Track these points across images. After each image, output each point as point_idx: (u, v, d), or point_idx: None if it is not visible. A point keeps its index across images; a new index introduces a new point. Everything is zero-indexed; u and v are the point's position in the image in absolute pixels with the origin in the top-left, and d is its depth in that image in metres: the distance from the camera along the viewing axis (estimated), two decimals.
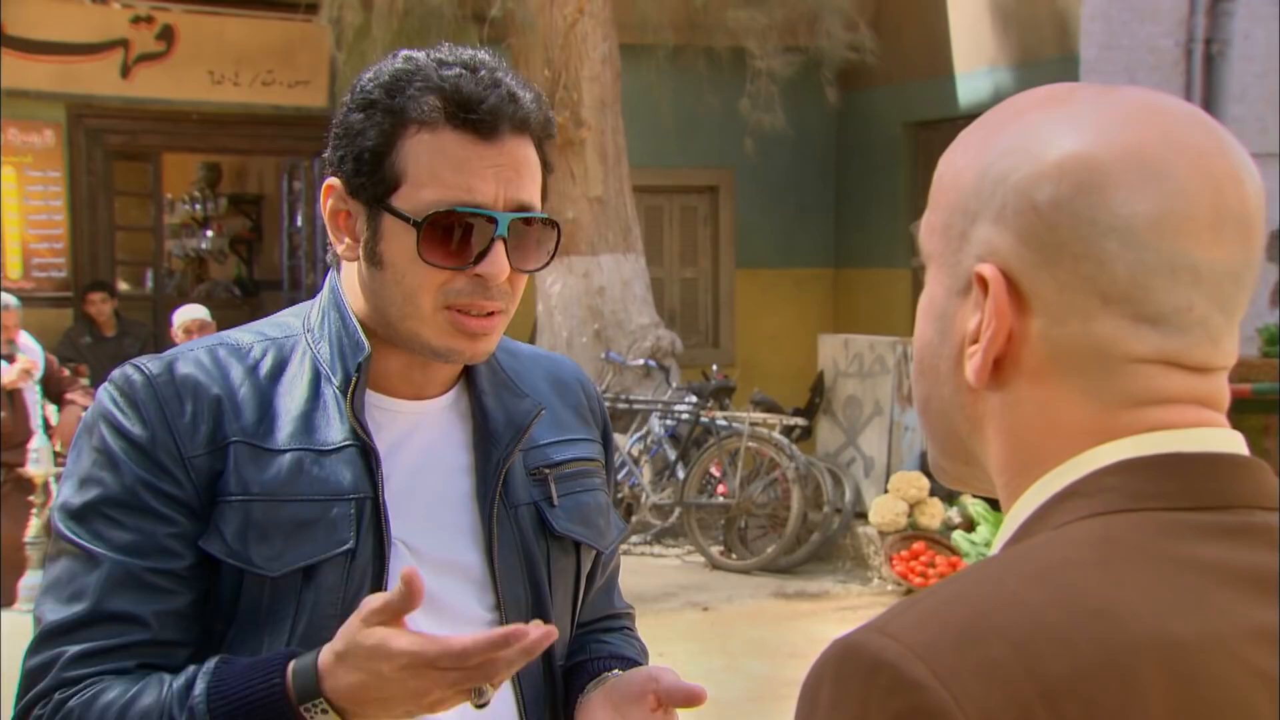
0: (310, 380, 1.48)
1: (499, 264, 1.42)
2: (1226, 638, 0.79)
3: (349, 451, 1.45)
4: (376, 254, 1.45)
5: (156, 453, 1.41)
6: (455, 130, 1.41)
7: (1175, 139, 0.85)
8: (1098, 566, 0.80)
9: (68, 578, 1.40)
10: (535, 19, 9.00)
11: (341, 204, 1.47)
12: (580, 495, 1.60)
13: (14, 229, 10.60)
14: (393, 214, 1.42)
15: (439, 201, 1.41)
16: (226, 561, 1.41)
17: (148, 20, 10.77)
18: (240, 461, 1.43)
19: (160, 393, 1.43)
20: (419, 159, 1.41)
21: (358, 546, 1.43)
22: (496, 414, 1.54)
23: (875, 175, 11.44)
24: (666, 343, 9.32)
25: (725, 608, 7.51)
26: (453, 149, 1.41)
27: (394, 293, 1.45)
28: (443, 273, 1.42)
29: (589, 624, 1.71)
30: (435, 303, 1.43)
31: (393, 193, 1.42)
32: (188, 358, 1.47)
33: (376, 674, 1.27)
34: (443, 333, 1.45)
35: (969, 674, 0.75)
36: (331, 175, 1.48)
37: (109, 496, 1.41)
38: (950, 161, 0.93)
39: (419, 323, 1.44)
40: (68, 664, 1.37)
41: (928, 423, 0.95)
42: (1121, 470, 0.84)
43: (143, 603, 1.39)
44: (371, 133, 1.43)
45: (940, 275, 0.92)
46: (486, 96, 1.42)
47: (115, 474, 1.41)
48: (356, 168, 1.44)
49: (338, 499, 1.43)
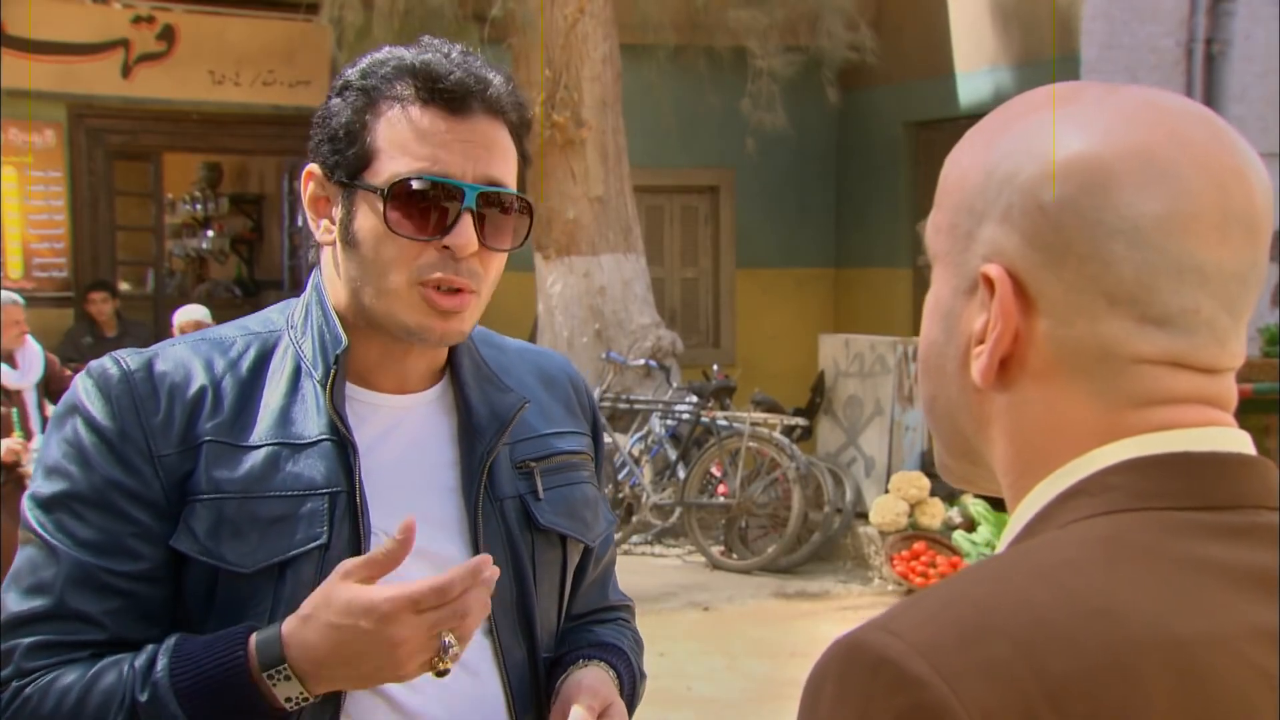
0: (291, 375, 1.50)
1: (466, 235, 1.43)
2: (1231, 637, 0.79)
3: (325, 445, 1.46)
4: (351, 233, 1.46)
5: (125, 449, 1.42)
6: (425, 106, 1.44)
7: (1182, 139, 0.85)
8: (1102, 566, 0.80)
9: (29, 568, 1.42)
10: (536, 19, 9.00)
11: (320, 190, 1.50)
12: (567, 488, 1.61)
13: (15, 229, 10.60)
14: (364, 189, 1.45)
15: (404, 171, 1.42)
16: (199, 559, 1.42)
17: (148, 20, 10.77)
18: (211, 461, 1.43)
19: (136, 389, 1.44)
20: (389, 134, 1.44)
21: (331, 540, 1.44)
22: (480, 408, 1.55)
23: (876, 175, 11.44)
24: (667, 343, 9.32)
25: (726, 608, 7.51)
26: (421, 122, 1.44)
27: (367, 271, 1.46)
28: (412, 246, 1.43)
29: (581, 616, 1.71)
30: (407, 279, 1.44)
31: (365, 170, 1.45)
32: (168, 354, 1.48)
33: (352, 629, 1.30)
34: (415, 309, 1.45)
35: (972, 672, 0.75)
36: (310, 162, 1.50)
37: (75, 492, 1.42)
38: (956, 160, 0.93)
39: (392, 299, 1.45)
40: (24, 654, 1.39)
41: (933, 421, 0.95)
42: (1126, 470, 0.84)
43: (98, 602, 1.40)
44: (345, 113, 1.46)
45: (946, 275, 0.91)
46: (454, 72, 1.44)
47: (83, 469, 1.42)
48: (332, 148, 1.47)
49: (311, 494, 1.44)
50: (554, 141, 9.06)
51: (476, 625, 1.35)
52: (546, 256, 9.32)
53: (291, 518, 1.43)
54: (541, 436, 1.62)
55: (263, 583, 1.42)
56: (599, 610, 1.74)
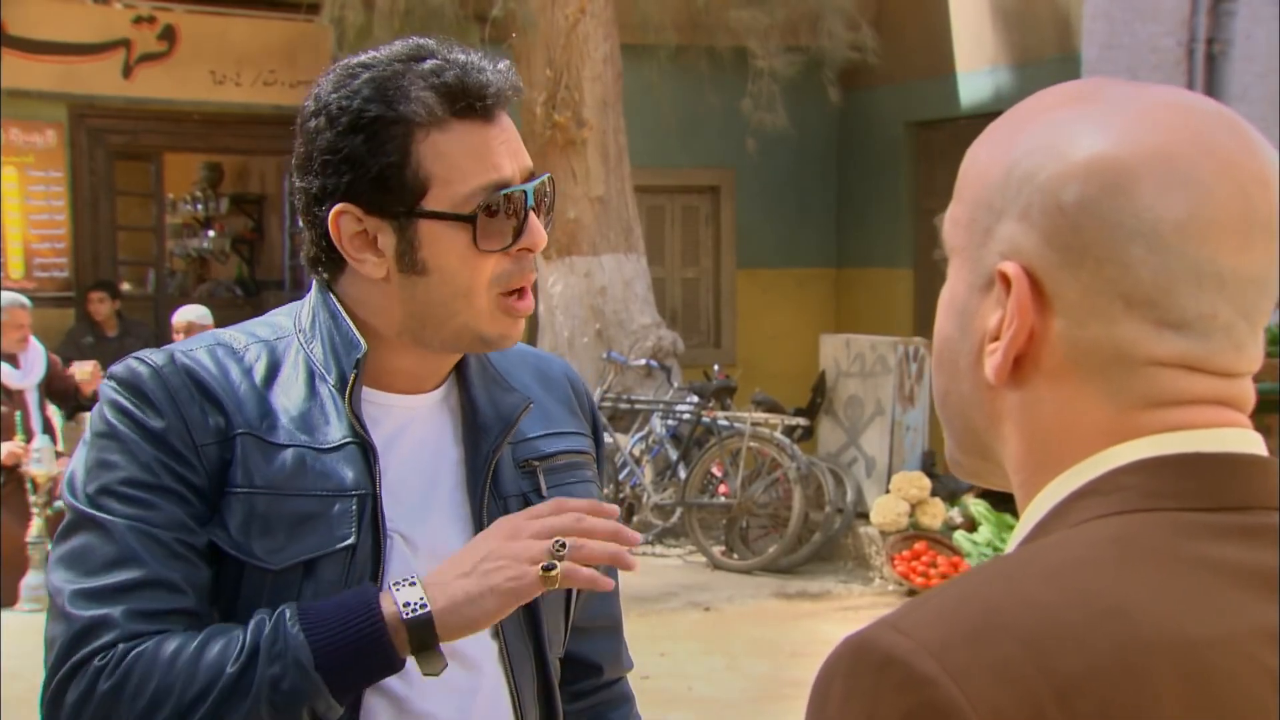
0: (306, 379, 1.49)
1: (539, 234, 1.47)
2: (1241, 638, 0.79)
3: (350, 449, 1.47)
4: (418, 262, 1.45)
5: (171, 440, 1.42)
6: (461, 120, 1.43)
7: (1204, 142, 0.84)
8: (1112, 566, 0.80)
9: (92, 548, 1.39)
10: (537, 19, 9.00)
11: (357, 225, 1.46)
12: (570, 487, 1.62)
13: (16, 229, 10.60)
14: (431, 218, 1.43)
15: (479, 189, 1.43)
16: (229, 553, 1.42)
17: (149, 20, 10.77)
18: (248, 453, 1.43)
19: (169, 382, 1.44)
20: (439, 158, 1.42)
21: (358, 542, 1.44)
22: (486, 408, 1.56)
23: (877, 175, 11.44)
24: (668, 343, 9.31)
25: (727, 608, 7.51)
26: (467, 139, 1.43)
27: (442, 294, 1.45)
28: (491, 260, 1.45)
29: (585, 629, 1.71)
30: (490, 292, 1.46)
31: (421, 198, 1.43)
32: (189, 354, 1.48)
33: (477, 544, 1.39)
34: (498, 321, 1.48)
35: (981, 671, 0.75)
36: (338, 201, 1.45)
37: (128, 478, 1.41)
38: (976, 155, 0.92)
39: (472, 316, 1.46)
40: (126, 619, 1.36)
41: (945, 416, 0.95)
42: (1138, 470, 0.84)
43: (181, 569, 1.39)
44: (385, 148, 1.42)
45: (963, 270, 0.91)
46: (484, 81, 1.44)
47: (131, 457, 1.41)
48: (376, 185, 1.43)
49: (340, 495, 1.45)
50: (555, 141, 9.05)
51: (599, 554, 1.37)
52: (547, 256, 9.32)
53: (320, 518, 1.44)
54: (543, 436, 1.62)
55: (288, 581, 1.42)
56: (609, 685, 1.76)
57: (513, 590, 1.35)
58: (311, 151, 1.47)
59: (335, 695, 1.35)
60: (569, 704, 1.69)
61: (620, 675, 1.79)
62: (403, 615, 1.35)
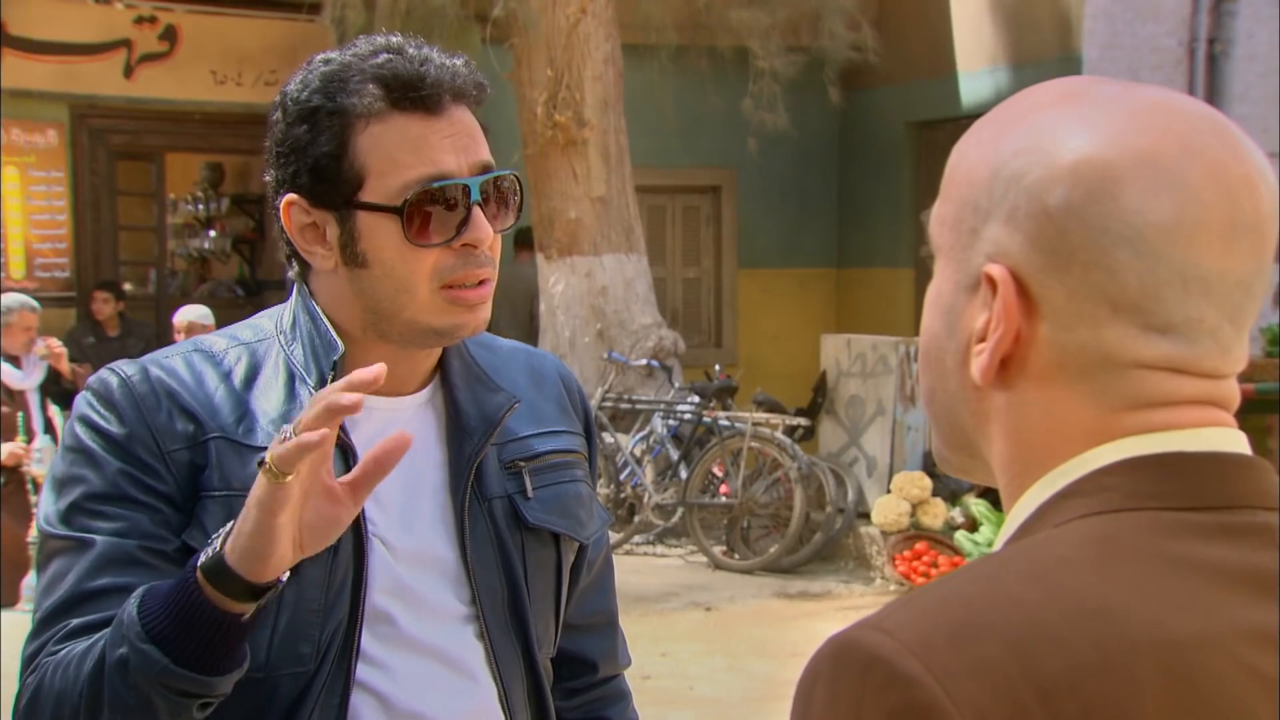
0: (285, 382, 1.50)
1: (483, 229, 1.44)
2: (1224, 638, 0.79)
3: None
4: (358, 254, 1.45)
5: (135, 449, 1.42)
6: (402, 113, 1.43)
7: (1191, 145, 0.83)
8: (1095, 566, 0.80)
9: (62, 572, 1.41)
10: (538, 19, 9.00)
11: (305, 216, 1.47)
12: (559, 486, 1.61)
13: (17, 229, 10.61)
14: (367, 209, 1.43)
15: (411, 182, 1.42)
16: None
17: (150, 20, 10.78)
18: (222, 457, 1.44)
19: (136, 391, 1.45)
20: (376, 150, 1.42)
21: (340, 544, 1.43)
22: (469, 408, 1.55)
23: (878, 175, 11.44)
24: (669, 343, 9.31)
25: (728, 608, 7.50)
26: (406, 131, 1.43)
27: (385, 287, 1.45)
28: (431, 253, 1.43)
29: (578, 627, 1.71)
30: (430, 285, 1.44)
31: (359, 190, 1.43)
32: (163, 363, 1.49)
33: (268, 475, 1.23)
34: (443, 313, 1.46)
35: (964, 671, 0.75)
36: (287, 192, 1.47)
37: (92, 492, 1.42)
38: (963, 154, 0.91)
39: (417, 310, 1.45)
40: (63, 637, 1.37)
41: (932, 414, 0.95)
42: (1122, 470, 0.84)
43: (142, 578, 1.38)
44: (322, 139, 1.43)
45: (949, 269, 0.91)
46: (424, 73, 1.43)
47: (96, 470, 1.42)
48: (316, 176, 1.44)
49: None
50: (556, 141, 9.05)
51: (306, 419, 1.23)
52: (548, 256, 9.32)
53: None
54: (532, 436, 1.62)
55: None
56: (606, 680, 1.76)
57: (256, 500, 1.24)
58: (271, 144, 1.49)
59: (189, 668, 1.27)
60: (564, 701, 1.69)
61: (616, 672, 1.78)
62: (197, 563, 1.28)
